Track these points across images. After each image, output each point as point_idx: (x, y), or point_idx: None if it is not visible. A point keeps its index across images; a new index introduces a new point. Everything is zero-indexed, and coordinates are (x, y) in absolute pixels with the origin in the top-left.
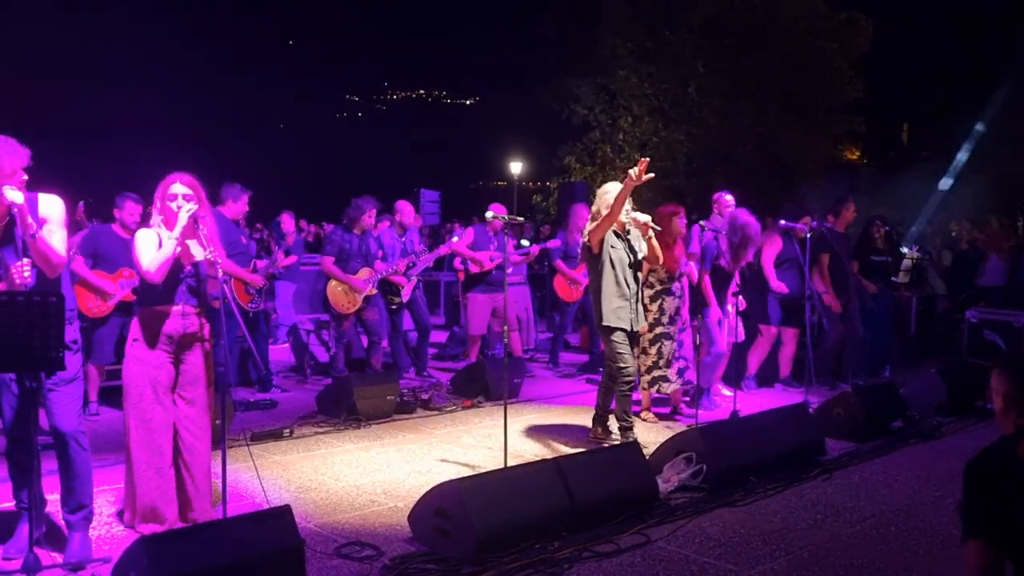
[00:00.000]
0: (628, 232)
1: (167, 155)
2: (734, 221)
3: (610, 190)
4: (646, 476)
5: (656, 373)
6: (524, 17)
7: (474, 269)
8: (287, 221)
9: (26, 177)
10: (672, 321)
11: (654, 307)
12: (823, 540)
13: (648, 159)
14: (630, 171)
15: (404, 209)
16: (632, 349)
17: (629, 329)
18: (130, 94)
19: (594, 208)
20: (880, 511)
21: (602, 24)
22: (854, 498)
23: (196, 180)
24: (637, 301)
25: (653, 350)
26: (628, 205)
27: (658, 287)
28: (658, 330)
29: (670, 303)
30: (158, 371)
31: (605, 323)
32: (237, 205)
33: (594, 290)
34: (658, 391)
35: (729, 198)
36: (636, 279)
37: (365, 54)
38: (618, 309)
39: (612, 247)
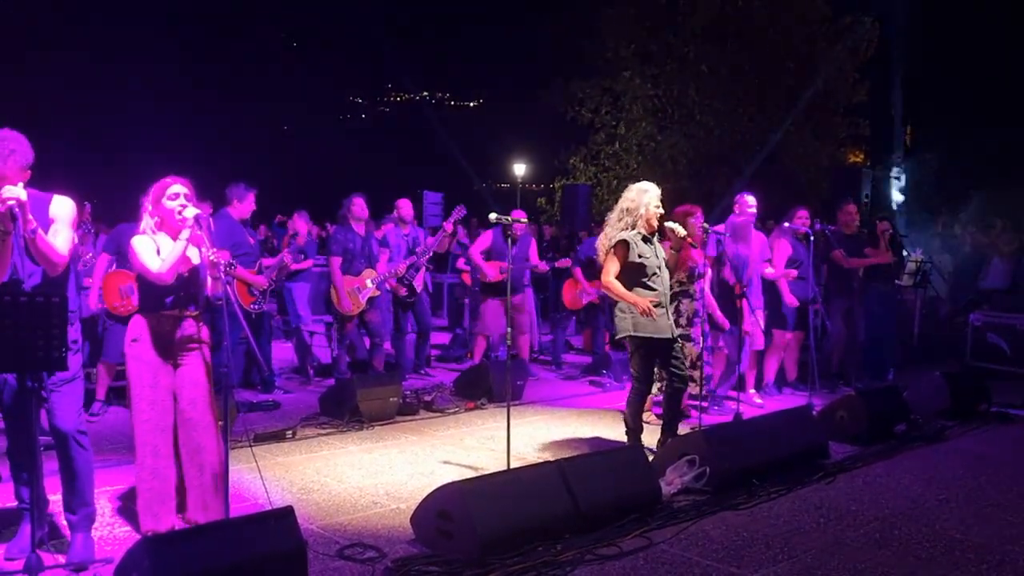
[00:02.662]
0: (654, 236)
1: (170, 156)
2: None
3: (650, 188)
4: (649, 479)
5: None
6: (527, 19)
7: (482, 278)
8: (300, 222)
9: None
10: (690, 323)
11: (671, 308)
12: (826, 543)
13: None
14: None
15: (403, 204)
16: (669, 355)
17: (658, 336)
18: (133, 96)
19: (628, 203)
20: (884, 514)
21: (605, 26)
22: (857, 501)
23: (189, 184)
24: (668, 305)
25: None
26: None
27: (676, 289)
28: (676, 332)
29: (687, 305)
30: (156, 373)
31: (624, 333)
32: (243, 205)
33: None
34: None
35: (750, 199)
36: (667, 283)
37: (368, 56)
38: (654, 319)
39: (641, 255)
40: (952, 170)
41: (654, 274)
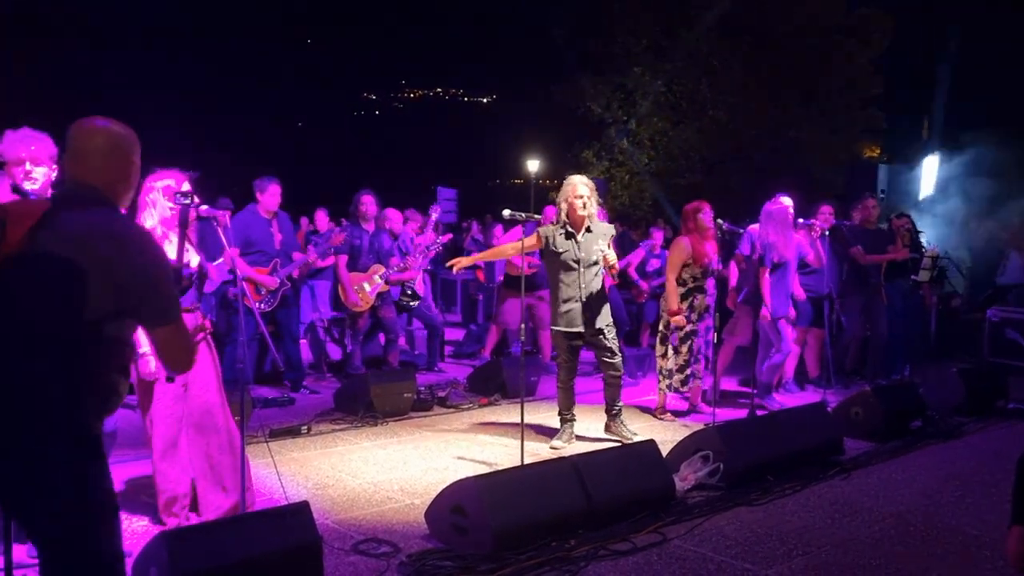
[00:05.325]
0: (586, 231)
1: (181, 153)
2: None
3: (569, 182)
4: (663, 474)
5: (688, 371)
6: (540, 15)
7: (514, 272)
8: (321, 218)
9: (30, 168)
10: (701, 318)
11: (684, 304)
12: (841, 540)
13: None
14: None
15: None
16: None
17: (569, 330)
18: (144, 93)
19: (559, 199)
20: (899, 511)
21: (617, 22)
22: (873, 498)
23: (188, 178)
24: (591, 300)
25: (684, 348)
26: (590, 200)
27: (691, 284)
28: (688, 328)
29: (700, 300)
30: None
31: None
32: (266, 196)
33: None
34: (687, 389)
35: (787, 200)
36: (593, 278)
37: (382, 52)
38: (564, 312)
39: (555, 250)
40: (976, 164)
41: (564, 270)
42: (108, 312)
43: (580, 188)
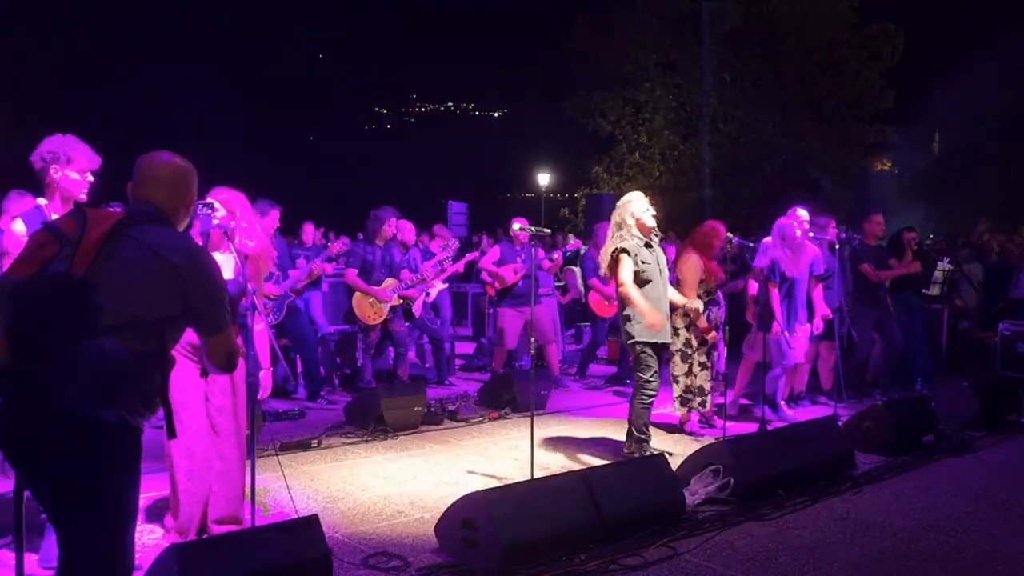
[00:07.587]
0: (654, 241)
1: (195, 165)
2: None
3: (632, 199)
4: (673, 489)
5: (705, 386)
6: (551, 30)
7: (500, 284)
8: (308, 231)
9: (92, 179)
10: (717, 330)
11: (702, 320)
12: (853, 555)
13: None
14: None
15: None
16: (659, 362)
17: (661, 341)
18: (156, 105)
19: (617, 218)
20: (911, 526)
21: (627, 37)
22: (884, 513)
23: (232, 193)
24: (666, 310)
25: (700, 363)
26: (651, 210)
27: (704, 298)
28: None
29: (715, 313)
30: (186, 377)
31: (634, 339)
32: (264, 221)
33: (621, 305)
34: (702, 405)
35: (803, 213)
36: (667, 289)
37: (393, 67)
38: (649, 325)
39: (644, 262)
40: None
41: (650, 281)
42: (172, 316)
43: (644, 200)
